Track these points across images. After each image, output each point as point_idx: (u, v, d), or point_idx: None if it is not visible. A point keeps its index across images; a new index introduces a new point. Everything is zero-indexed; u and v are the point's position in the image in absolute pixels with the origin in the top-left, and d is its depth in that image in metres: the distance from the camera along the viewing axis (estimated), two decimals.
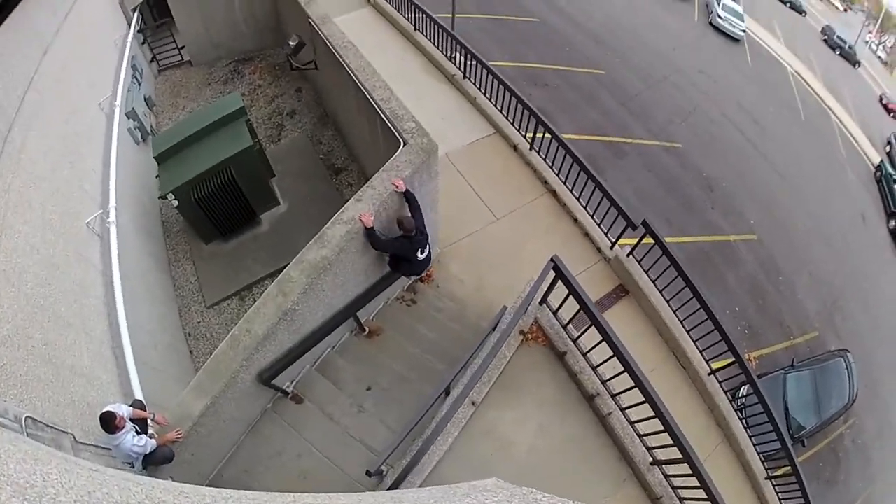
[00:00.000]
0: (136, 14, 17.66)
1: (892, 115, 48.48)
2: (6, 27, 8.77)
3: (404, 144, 9.24)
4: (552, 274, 7.87)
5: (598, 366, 8.08)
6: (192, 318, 12.61)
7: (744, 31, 37.88)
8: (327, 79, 15.11)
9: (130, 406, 6.72)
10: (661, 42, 31.47)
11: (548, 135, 12.48)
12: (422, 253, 8.69)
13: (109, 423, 6.03)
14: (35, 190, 7.88)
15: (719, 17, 37.45)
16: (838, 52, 54.42)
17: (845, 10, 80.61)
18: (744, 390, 11.90)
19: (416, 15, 17.05)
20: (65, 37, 11.44)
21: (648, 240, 10.61)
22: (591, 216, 12.12)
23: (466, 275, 11.28)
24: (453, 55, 15.93)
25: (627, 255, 11.40)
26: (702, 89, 28.13)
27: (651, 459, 7.95)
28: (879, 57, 71.89)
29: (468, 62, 14.99)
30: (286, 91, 18.21)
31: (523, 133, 13.49)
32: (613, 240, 11.65)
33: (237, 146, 12.58)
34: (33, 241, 7.21)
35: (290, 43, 15.73)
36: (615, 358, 7.23)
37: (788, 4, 60.58)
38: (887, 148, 39.50)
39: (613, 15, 32.38)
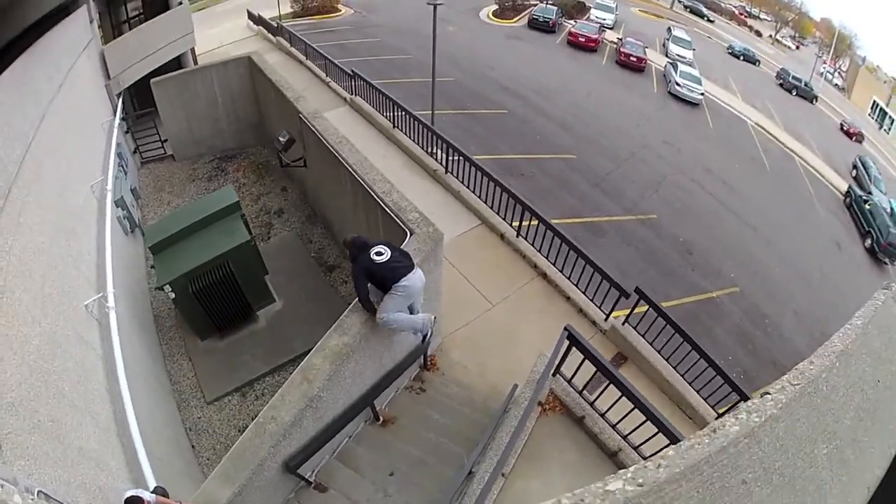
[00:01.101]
0: (119, 100, 18.00)
1: (854, 139, 51.06)
2: (9, 79, 8.89)
3: (411, 234, 9.61)
4: (565, 344, 8.20)
5: (618, 423, 8.32)
6: (191, 413, 12.47)
7: (702, 94, 39.10)
8: (318, 175, 15.42)
9: (153, 493, 6.26)
10: (624, 120, 32.67)
11: (534, 221, 13.06)
12: (378, 256, 8.25)
13: None
14: (34, 259, 7.79)
15: (678, 84, 38.72)
16: (795, 93, 56.50)
17: (797, 48, 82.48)
18: None
19: (396, 113, 17.60)
20: (59, 106, 11.57)
21: (639, 308, 11.22)
22: (584, 293, 12.51)
23: (468, 361, 11.50)
24: (434, 151, 16.42)
25: (623, 324, 11.83)
26: (668, 160, 29.12)
27: None
28: (836, 84, 73.57)
29: (449, 157, 15.52)
30: (272, 190, 18.48)
31: (509, 222, 13.98)
32: (607, 312, 12.10)
33: (235, 240, 12.63)
34: (34, 312, 7.09)
35: (280, 139, 15.87)
36: (633, 412, 7.58)
37: (742, 58, 62.78)
38: (853, 172, 41.39)
39: (576, 101, 33.61)
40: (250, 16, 39.54)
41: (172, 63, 21.50)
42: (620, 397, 7.72)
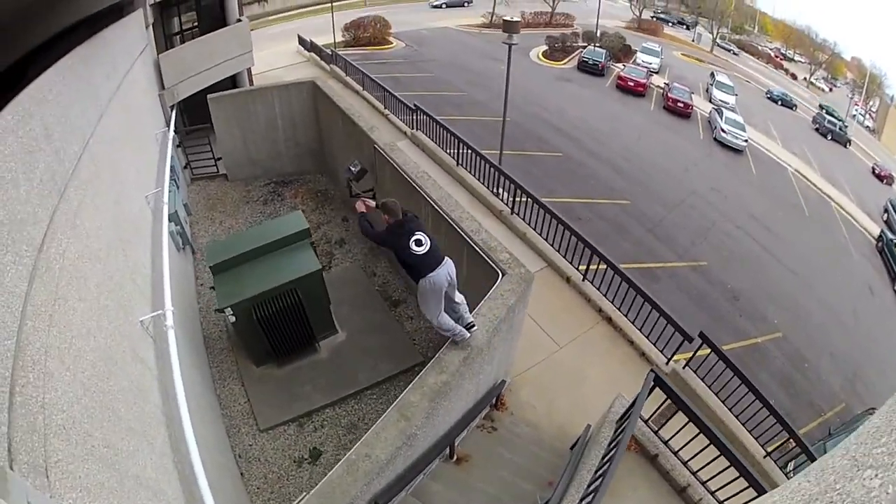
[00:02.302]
0: (173, 112, 17.67)
1: (885, 181, 50.74)
2: (66, 68, 8.24)
3: (503, 275, 9.67)
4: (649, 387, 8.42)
5: (689, 460, 8.58)
6: (242, 440, 12.21)
7: (746, 141, 39.31)
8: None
9: None
10: (673, 165, 33.33)
11: (600, 266, 13.25)
12: (418, 245, 7.88)
13: None
14: (90, 267, 7.03)
15: (723, 131, 39.00)
16: (830, 137, 56.33)
17: (830, 90, 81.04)
18: (791, 465, 12.46)
19: (461, 150, 17.46)
20: (116, 108, 11.01)
21: (700, 352, 11.72)
22: (647, 337, 12.61)
23: (537, 401, 11.56)
24: (498, 191, 16.36)
25: (683, 368, 12.09)
26: (716, 206, 29.62)
27: None
28: (867, 126, 72.49)
29: (516, 198, 15.48)
30: (332, 219, 18.19)
31: (575, 265, 14.05)
32: (668, 356, 12.20)
33: (306, 268, 12.42)
34: (89, 324, 6.31)
35: (352, 168, 14.85)
36: (703, 450, 8.02)
37: (780, 102, 62.71)
38: (885, 216, 41.25)
39: (628, 144, 34.31)
40: (301, 41, 39.88)
41: (226, 82, 21.42)
42: (698, 435, 8.08)
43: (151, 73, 16.78)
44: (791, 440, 10.75)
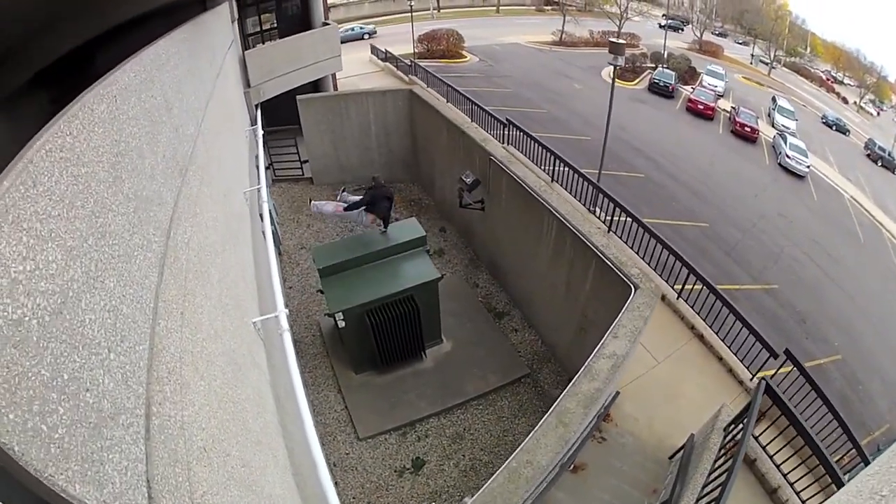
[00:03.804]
0: (258, 111, 17.40)
1: None
2: (182, 41, 7.85)
3: (635, 289, 10.10)
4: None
5: (782, 463, 9.28)
6: (338, 448, 12.29)
7: (808, 167, 39.34)
8: (501, 221, 15.51)
9: None
10: (744, 189, 33.80)
11: (695, 285, 13.64)
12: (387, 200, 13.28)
13: None
14: (211, 261, 6.40)
15: (787, 157, 39.02)
16: (880, 163, 55.53)
17: (878, 114, 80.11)
18: (846, 477, 13.00)
19: (556, 167, 17.02)
20: (217, 98, 10.63)
21: (783, 369, 11.95)
22: (735, 354, 12.97)
23: (639, 413, 11.90)
24: (595, 209, 16.14)
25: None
26: (784, 232, 30.09)
27: None
28: None
29: (613, 217, 15.34)
30: (429, 229, 17.76)
31: (670, 284, 14.36)
32: (753, 373, 12.57)
33: (424, 276, 12.62)
34: (216, 324, 5.71)
35: (465, 179, 15.81)
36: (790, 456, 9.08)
37: (835, 128, 61.94)
38: None
39: (702, 167, 34.87)
40: (374, 50, 40.26)
41: (307, 87, 21.36)
42: (791, 440, 9.17)
43: (238, 69, 16.85)
44: (848, 453, 11.35)
